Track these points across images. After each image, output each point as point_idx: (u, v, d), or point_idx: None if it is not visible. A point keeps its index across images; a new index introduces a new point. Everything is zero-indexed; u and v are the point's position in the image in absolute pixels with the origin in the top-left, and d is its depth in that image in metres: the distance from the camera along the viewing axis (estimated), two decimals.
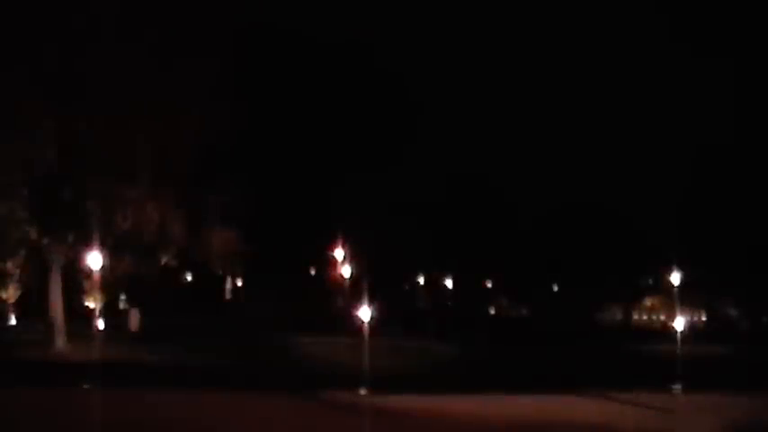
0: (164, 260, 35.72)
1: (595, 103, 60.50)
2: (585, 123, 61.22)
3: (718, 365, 34.13)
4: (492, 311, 74.46)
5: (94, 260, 27.48)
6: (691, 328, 45.45)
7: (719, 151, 56.54)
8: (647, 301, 72.71)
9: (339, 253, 40.63)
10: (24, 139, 29.91)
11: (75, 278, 35.01)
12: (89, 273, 29.69)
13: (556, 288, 72.02)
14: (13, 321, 39.63)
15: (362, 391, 23.26)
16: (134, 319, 44.52)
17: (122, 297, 48.50)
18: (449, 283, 63.90)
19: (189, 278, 56.83)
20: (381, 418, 19.30)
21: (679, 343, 28.90)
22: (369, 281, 28.90)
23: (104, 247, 29.68)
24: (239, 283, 62.88)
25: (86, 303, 38.00)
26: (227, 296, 62.65)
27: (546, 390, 24.45)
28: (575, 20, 61.56)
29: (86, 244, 29.96)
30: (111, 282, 36.00)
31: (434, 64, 59.85)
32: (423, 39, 60.31)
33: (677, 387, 26.10)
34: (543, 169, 62.46)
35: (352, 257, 40.35)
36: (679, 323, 30.69)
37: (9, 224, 31.87)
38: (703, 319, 68.75)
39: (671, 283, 31.73)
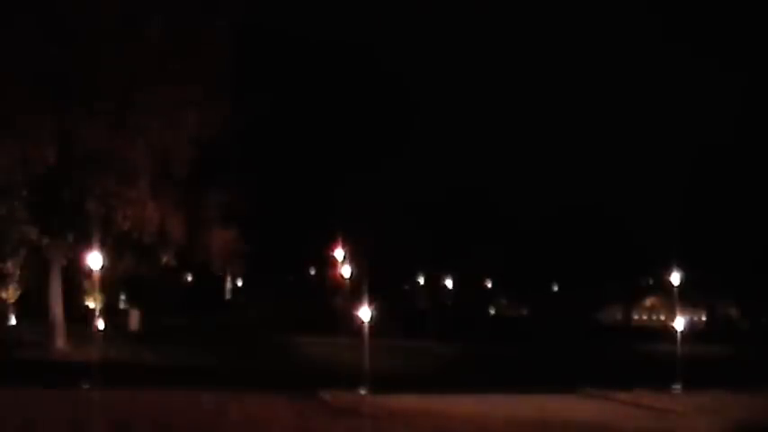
0: (164, 260, 35.67)
1: (595, 105, 60.67)
2: (585, 124, 61.36)
3: (718, 365, 34.16)
4: (492, 311, 74.53)
5: (94, 260, 27.42)
6: (691, 328, 45.40)
7: (719, 151, 56.57)
8: (647, 301, 72.75)
9: (339, 253, 40.55)
10: (24, 139, 29.87)
11: (75, 278, 34.99)
12: (89, 273, 29.60)
13: (556, 288, 72.12)
14: (13, 321, 39.59)
15: (362, 391, 23.25)
16: (134, 319, 44.54)
17: (122, 297, 48.51)
18: (449, 283, 63.89)
19: (189, 278, 56.84)
20: (381, 418, 19.30)
21: (679, 343, 28.87)
22: (369, 281, 28.81)
23: (104, 247, 29.64)
24: (239, 283, 62.92)
25: (86, 303, 37.98)
26: (227, 296, 62.68)
27: (546, 390, 24.44)
28: (574, 21, 61.67)
29: (86, 244, 29.91)
30: (111, 282, 35.97)
31: (434, 65, 60.10)
32: (422, 40, 60.55)
33: (677, 387, 26.09)
34: (544, 170, 62.56)
35: (352, 257, 40.29)
36: (679, 323, 30.61)
37: (9, 224, 31.82)
38: (703, 319, 68.77)
39: (671, 283, 31.62)
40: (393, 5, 58.56)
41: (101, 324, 34.46)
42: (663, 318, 64.76)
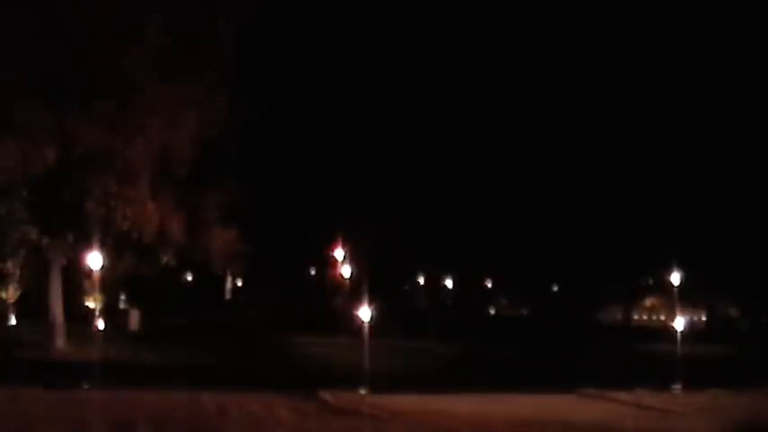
0: (164, 260, 35.68)
1: (593, 106, 60.65)
2: (585, 125, 61.31)
3: (718, 365, 34.16)
4: (492, 311, 74.54)
5: (94, 260, 27.48)
6: (691, 328, 45.46)
7: (718, 151, 56.58)
8: (647, 301, 72.75)
9: (339, 253, 40.62)
10: (24, 139, 29.87)
11: (75, 278, 35.01)
12: (89, 273, 29.67)
13: (556, 288, 72.14)
14: (13, 321, 39.62)
15: (362, 391, 23.26)
16: (134, 319, 44.56)
17: (122, 297, 48.52)
18: (449, 283, 63.91)
19: (189, 278, 56.85)
20: (381, 418, 19.29)
21: (679, 343, 28.89)
22: (369, 281, 28.86)
23: (104, 247, 29.67)
24: (239, 283, 62.91)
25: (86, 303, 38.01)
26: (227, 296, 62.67)
27: (546, 390, 24.43)
28: (577, 24, 61.74)
29: (86, 244, 29.95)
30: (111, 282, 35.99)
31: (434, 64, 60.04)
32: (424, 40, 60.48)
33: (677, 387, 26.09)
34: (544, 170, 62.54)
35: (352, 257, 40.33)
36: (679, 323, 30.66)
37: (9, 224, 31.84)
38: (703, 319, 68.78)
39: (671, 283, 31.69)
40: (396, 5, 58.58)
41: (101, 324, 34.51)
42: (663, 318, 64.75)
